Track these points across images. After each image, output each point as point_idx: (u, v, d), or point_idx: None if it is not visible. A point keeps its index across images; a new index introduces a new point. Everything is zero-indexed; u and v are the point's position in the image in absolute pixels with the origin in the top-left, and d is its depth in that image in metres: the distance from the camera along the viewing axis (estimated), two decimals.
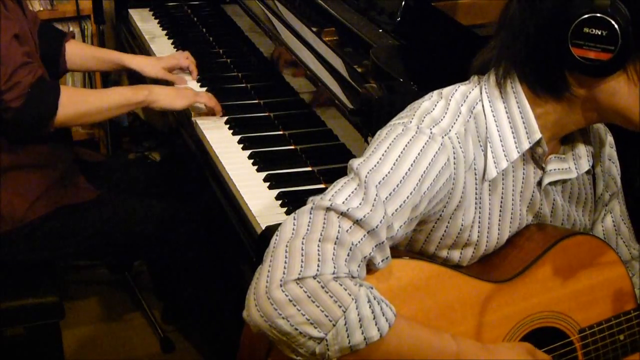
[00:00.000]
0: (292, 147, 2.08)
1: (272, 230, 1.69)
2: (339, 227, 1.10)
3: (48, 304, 1.99)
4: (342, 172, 1.21)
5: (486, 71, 1.28)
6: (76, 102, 2.00)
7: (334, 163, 1.90)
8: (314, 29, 2.06)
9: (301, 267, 1.06)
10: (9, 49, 1.88)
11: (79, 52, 2.37)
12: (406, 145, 1.18)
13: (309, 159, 2.01)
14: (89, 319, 2.73)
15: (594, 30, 1.13)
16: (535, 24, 1.18)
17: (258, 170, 1.95)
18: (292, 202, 1.81)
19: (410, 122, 1.21)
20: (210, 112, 2.21)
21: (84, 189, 2.14)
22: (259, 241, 1.70)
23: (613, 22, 1.12)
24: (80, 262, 2.91)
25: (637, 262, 1.50)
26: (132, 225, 2.12)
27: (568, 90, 1.21)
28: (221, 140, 2.09)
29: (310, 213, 1.12)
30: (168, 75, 2.41)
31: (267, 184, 1.89)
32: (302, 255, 1.07)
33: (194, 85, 2.42)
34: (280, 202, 1.82)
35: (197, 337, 2.59)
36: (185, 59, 2.46)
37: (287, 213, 1.78)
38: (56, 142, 2.07)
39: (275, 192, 1.85)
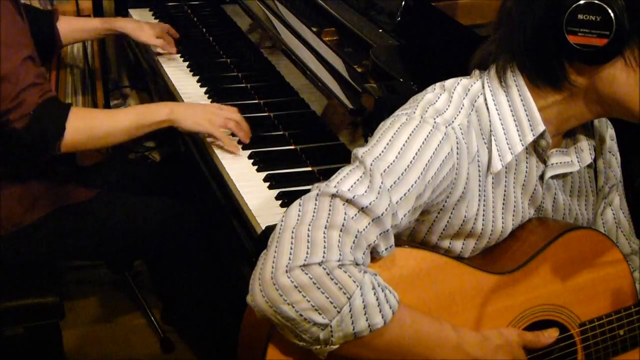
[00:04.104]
0: (292, 147, 2.08)
1: (272, 230, 1.69)
2: (345, 214, 1.11)
3: (48, 304, 1.99)
4: None
5: (486, 66, 1.29)
6: (86, 125, 1.92)
7: (334, 163, 1.90)
8: (314, 29, 2.06)
9: (307, 253, 1.07)
10: (19, 69, 1.84)
11: (70, 27, 2.43)
12: (410, 135, 1.19)
13: (309, 159, 2.01)
14: (89, 319, 2.73)
15: (588, 17, 1.14)
16: (532, 13, 1.19)
17: (258, 170, 1.95)
18: (292, 202, 1.80)
19: (414, 112, 1.22)
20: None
21: (83, 189, 2.14)
22: (259, 241, 1.70)
23: (607, 8, 1.13)
24: (80, 262, 2.91)
25: (636, 257, 1.50)
26: (132, 225, 2.12)
27: (567, 80, 1.21)
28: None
29: (316, 199, 1.13)
30: (158, 41, 2.56)
31: (267, 184, 1.89)
32: (308, 242, 1.08)
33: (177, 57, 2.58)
34: (280, 202, 1.82)
35: (197, 337, 2.59)
36: (170, 28, 2.64)
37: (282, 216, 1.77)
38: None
39: (275, 192, 1.85)
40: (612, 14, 1.12)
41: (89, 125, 1.93)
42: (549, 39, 1.18)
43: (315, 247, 1.07)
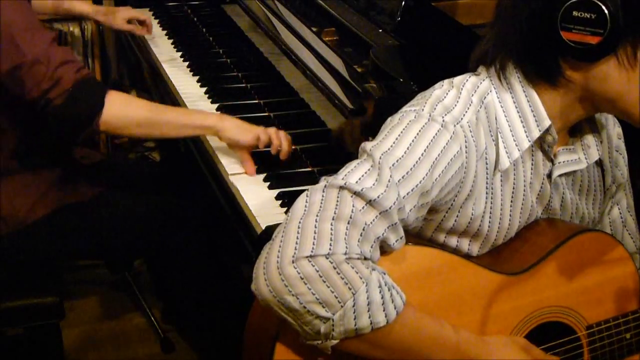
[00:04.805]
0: (292, 147, 2.07)
1: (272, 230, 1.69)
2: (353, 206, 1.10)
3: (48, 304, 1.99)
4: None
5: (486, 63, 1.29)
6: (126, 106, 1.92)
7: (334, 163, 1.89)
8: (314, 29, 2.06)
9: (313, 244, 1.07)
10: (49, 50, 1.86)
11: (41, 2, 2.48)
12: (419, 132, 1.18)
13: (309, 159, 2.00)
14: (89, 319, 2.73)
15: (583, 14, 1.14)
16: (528, 10, 1.20)
17: (258, 171, 1.95)
18: (292, 202, 1.79)
19: (423, 109, 1.22)
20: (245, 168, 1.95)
21: (84, 189, 2.14)
22: (259, 241, 1.70)
23: (602, 5, 1.13)
24: (80, 262, 2.91)
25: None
26: (132, 225, 2.12)
27: (562, 76, 1.21)
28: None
29: (323, 191, 1.13)
30: (128, 26, 2.65)
31: (267, 184, 1.89)
32: (315, 233, 1.07)
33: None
34: (280, 202, 1.82)
35: (197, 337, 2.59)
36: (142, 14, 2.70)
37: (287, 213, 1.77)
38: (57, 144, 2.08)
39: (275, 192, 1.85)
40: (607, 13, 1.12)
41: (128, 106, 1.92)
42: (543, 35, 1.19)
43: (321, 238, 1.07)
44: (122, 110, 1.90)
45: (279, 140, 1.95)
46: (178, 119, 1.96)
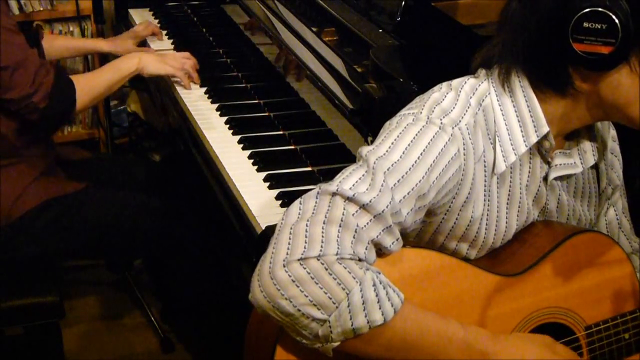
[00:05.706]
0: (292, 147, 2.08)
1: (272, 230, 1.69)
2: (344, 209, 1.11)
3: (48, 303, 1.99)
4: None
5: (490, 67, 1.28)
6: (88, 90, 2.14)
7: (334, 163, 1.90)
8: (314, 29, 2.06)
9: (304, 247, 1.07)
10: (27, 53, 1.96)
11: (52, 44, 2.50)
12: (416, 135, 1.18)
13: (309, 159, 2.01)
14: (89, 319, 2.73)
15: (594, 25, 1.14)
16: (536, 20, 1.19)
17: (258, 170, 1.95)
18: (292, 202, 1.80)
19: (421, 112, 1.22)
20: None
21: (71, 180, 2.15)
22: (259, 241, 1.70)
23: (613, 16, 1.12)
24: (80, 262, 2.91)
25: (636, 256, 1.50)
26: (132, 225, 2.12)
27: (571, 86, 1.21)
28: (221, 140, 2.09)
29: (316, 197, 1.13)
30: (140, 49, 2.63)
31: (267, 184, 1.89)
32: (306, 237, 1.08)
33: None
34: (280, 202, 1.82)
35: (197, 337, 2.59)
36: (146, 28, 2.70)
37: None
38: (35, 138, 2.12)
39: (275, 192, 1.85)
40: (617, 22, 1.12)
41: (89, 89, 2.15)
42: (553, 46, 1.18)
43: (312, 241, 1.08)
44: (87, 94, 2.14)
45: (194, 68, 2.35)
46: (115, 78, 2.23)
